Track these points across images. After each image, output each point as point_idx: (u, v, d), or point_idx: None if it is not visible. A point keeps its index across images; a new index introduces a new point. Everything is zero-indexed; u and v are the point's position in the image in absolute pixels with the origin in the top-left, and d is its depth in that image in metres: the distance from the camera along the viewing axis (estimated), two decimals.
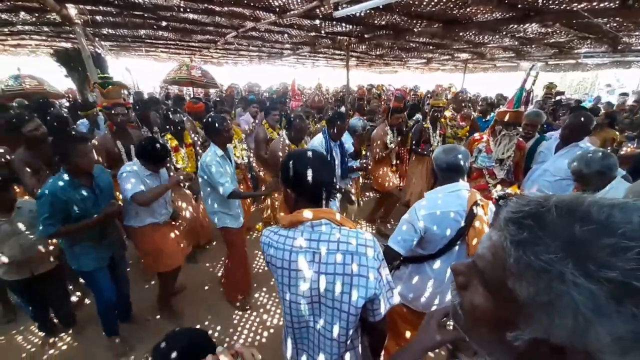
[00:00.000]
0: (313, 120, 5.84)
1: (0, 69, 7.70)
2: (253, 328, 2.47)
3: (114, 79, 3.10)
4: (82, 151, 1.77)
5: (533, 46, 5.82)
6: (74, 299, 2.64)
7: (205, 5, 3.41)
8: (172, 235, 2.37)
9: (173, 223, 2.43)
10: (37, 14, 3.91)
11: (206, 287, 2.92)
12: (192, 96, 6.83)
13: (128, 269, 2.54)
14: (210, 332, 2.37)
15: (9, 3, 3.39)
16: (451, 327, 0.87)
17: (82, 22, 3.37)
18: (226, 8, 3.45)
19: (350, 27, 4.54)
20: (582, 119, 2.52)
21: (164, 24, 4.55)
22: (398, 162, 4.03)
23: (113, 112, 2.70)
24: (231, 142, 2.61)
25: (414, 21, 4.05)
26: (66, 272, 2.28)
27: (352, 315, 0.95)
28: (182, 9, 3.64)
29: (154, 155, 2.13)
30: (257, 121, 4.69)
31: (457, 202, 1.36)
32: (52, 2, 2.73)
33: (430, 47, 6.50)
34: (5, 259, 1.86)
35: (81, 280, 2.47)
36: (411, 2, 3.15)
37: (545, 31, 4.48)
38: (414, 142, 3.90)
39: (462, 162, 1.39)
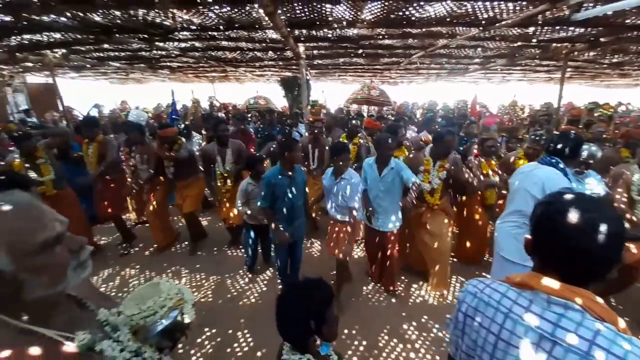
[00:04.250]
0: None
1: (247, 91, 11.58)
2: (401, 359, 2.32)
3: (318, 101, 4.19)
4: (295, 148, 2.54)
5: None
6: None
7: (404, 30, 3.58)
8: None
9: None
10: (278, 52, 5.39)
11: (353, 298, 2.95)
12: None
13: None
14: (353, 344, 2.44)
15: (264, 44, 4.80)
16: None
17: (305, 56, 4.34)
18: (424, 29, 3.48)
19: (581, 30, 3.54)
20: None
21: (360, 51, 5.15)
22: None
23: (314, 124, 3.74)
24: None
25: None
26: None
27: None
28: (381, 36, 3.98)
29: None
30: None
31: None
32: (292, 43, 3.67)
33: None
34: (249, 211, 3.06)
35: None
36: None
37: None
38: None
39: None
